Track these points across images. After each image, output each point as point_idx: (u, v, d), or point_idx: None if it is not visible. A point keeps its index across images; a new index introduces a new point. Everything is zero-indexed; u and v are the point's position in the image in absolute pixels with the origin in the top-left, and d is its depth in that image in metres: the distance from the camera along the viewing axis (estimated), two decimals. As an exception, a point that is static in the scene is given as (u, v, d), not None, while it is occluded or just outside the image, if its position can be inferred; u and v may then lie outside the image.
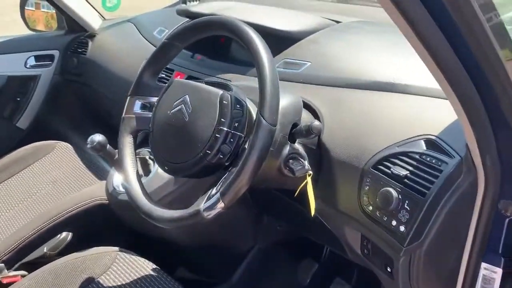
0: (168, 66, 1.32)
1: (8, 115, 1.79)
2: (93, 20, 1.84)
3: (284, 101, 0.87)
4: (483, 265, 0.71)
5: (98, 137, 0.95)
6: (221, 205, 0.73)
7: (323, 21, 1.21)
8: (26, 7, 1.97)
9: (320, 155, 0.93)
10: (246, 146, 0.75)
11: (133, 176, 0.88)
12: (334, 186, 0.91)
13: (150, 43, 1.52)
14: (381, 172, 0.81)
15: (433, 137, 0.79)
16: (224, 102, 0.78)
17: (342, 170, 0.89)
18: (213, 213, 0.74)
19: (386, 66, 0.99)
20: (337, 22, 1.22)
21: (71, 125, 1.88)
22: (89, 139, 0.95)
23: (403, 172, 0.78)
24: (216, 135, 0.77)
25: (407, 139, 0.82)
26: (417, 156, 0.78)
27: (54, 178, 1.51)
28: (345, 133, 0.90)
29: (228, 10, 1.25)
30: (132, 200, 0.86)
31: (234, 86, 0.86)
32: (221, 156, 0.78)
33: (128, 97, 0.95)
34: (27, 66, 1.78)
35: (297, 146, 0.88)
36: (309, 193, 0.85)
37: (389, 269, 0.84)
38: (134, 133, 0.94)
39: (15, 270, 1.24)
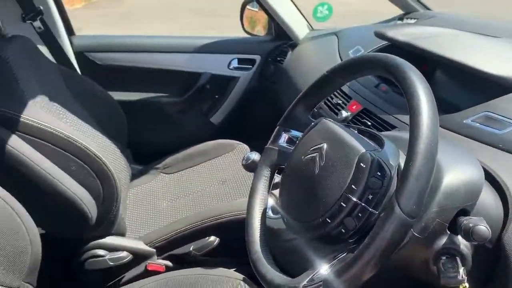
0: (347, 93, 1.20)
1: (205, 110, 1.94)
2: (300, 29, 1.83)
3: (456, 176, 0.65)
4: None
5: (254, 156, 0.90)
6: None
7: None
8: (248, 7, 2.06)
9: (496, 259, 0.66)
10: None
11: (257, 217, 0.80)
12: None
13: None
14: None
15: None
16: (362, 164, 0.61)
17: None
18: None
19: None
20: None
21: (256, 129, 1.93)
22: (245, 156, 0.91)
23: None
24: (342, 203, 0.61)
25: None
26: None
27: (224, 179, 1.56)
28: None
29: (427, 40, 1.03)
30: (248, 242, 0.77)
31: (390, 143, 0.68)
32: (343, 231, 0.62)
33: (277, 127, 0.87)
34: (230, 68, 1.89)
35: (460, 240, 0.64)
36: (458, 312, 0.61)
37: None
38: (273, 166, 0.85)
39: (163, 259, 1.33)
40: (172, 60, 1.87)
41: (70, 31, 1.79)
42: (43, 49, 1.41)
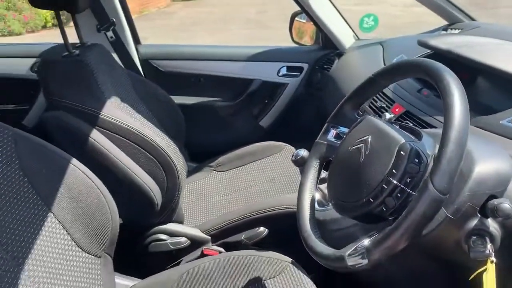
0: (390, 97, 1.29)
1: (255, 114, 2.07)
2: (346, 39, 1.92)
3: (486, 166, 0.74)
4: None
5: (302, 152, 1.02)
6: (364, 261, 0.68)
7: None
8: (297, 19, 2.18)
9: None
10: (411, 206, 0.67)
11: (307, 201, 0.91)
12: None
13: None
14: None
15: None
16: (402, 152, 0.71)
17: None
18: (355, 265, 0.69)
19: None
20: None
21: (302, 133, 2.04)
22: (295, 152, 1.03)
23: None
24: (384, 185, 0.71)
25: None
26: None
27: (272, 177, 1.68)
28: None
29: (469, 48, 1.11)
30: (298, 222, 0.89)
31: (428, 136, 0.78)
32: (384, 209, 0.72)
33: (326, 124, 0.98)
34: (279, 75, 2.00)
35: (490, 223, 0.73)
36: (485, 283, 0.70)
37: None
38: (322, 159, 0.96)
39: (217, 245, 1.46)
40: (226, 67, 2.02)
41: (136, 40, 1.98)
42: (114, 56, 1.58)
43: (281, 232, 1.41)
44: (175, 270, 1.19)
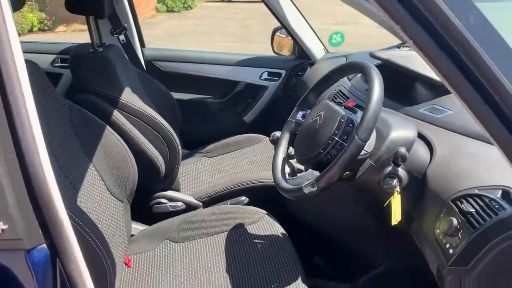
0: (346, 94, 1.68)
1: (240, 110, 2.44)
2: (317, 52, 2.32)
3: (397, 133, 1.12)
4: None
5: (278, 134, 1.39)
6: (314, 188, 1.05)
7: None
8: (277, 34, 2.57)
9: (421, 183, 1.12)
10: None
11: (280, 160, 1.27)
12: (423, 208, 1.09)
13: (348, 77, 1.88)
14: (455, 206, 0.97)
15: (510, 189, 0.91)
16: (341, 120, 1.09)
17: (432, 197, 1.07)
18: (309, 191, 1.06)
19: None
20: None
21: (279, 127, 2.41)
22: (272, 134, 1.40)
23: (470, 209, 0.93)
24: (329, 141, 1.09)
25: (489, 186, 0.95)
26: (487, 200, 0.92)
27: (253, 160, 2.04)
28: (446, 171, 1.08)
29: (402, 58, 1.51)
30: (273, 172, 1.25)
31: (360, 111, 1.15)
32: (329, 157, 1.09)
33: (295, 107, 1.35)
34: (261, 78, 2.38)
35: (399, 169, 1.10)
36: (393, 207, 1.07)
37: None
38: (291, 132, 1.33)
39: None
40: (217, 70, 2.39)
41: (142, 43, 2.33)
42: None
43: (258, 200, 1.76)
44: (175, 219, 1.53)
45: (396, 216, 1.08)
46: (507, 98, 0.67)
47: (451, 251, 0.93)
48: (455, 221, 0.93)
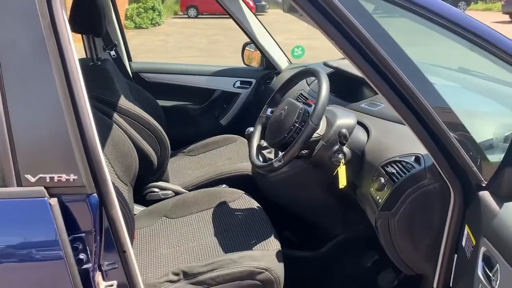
0: (306, 96, 2.06)
1: (217, 115, 2.79)
2: (282, 63, 2.70)
3: (341, 120, 1.50)
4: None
5: (251, 129, 1.74)
6: (281, 162, 1.40)
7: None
8: (247, 48, 2.93)
9: (361, 158, 1.50)
10: (304, 134, 1.41)
11: (254, 146, 1.63)
12: (363, 175, 1.46)
13: (307, 82, 2.27)
14: (383, 169, 1.34)
15: (420, 155, 1.29)
16: (300, 111, 1.46)
17: (368, 166, 1.44)
18: (277, 165, 1.41)
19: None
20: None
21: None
22: (247, 130, 1.75)
23: (393, 170, 1.30)
24: (291, 127, 1.45)
25: (407, 154, 1.33)
26: (404, 163, 1.29)
27: (230, 157, 2.38)
28: (378, 146, 1.45)
29: (349, 66, 1.90)
30: (249, 154, 1.60)
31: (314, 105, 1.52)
32: (292, 139, 1.45)
33: (265, 105, 1.71)
34: (235, 86, 2.74)
35: (345, 148, 1.47)
36: (340, 174, 1.44)
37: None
38: (263, 124, 1.69)
39: (193, 196, 2.11)
40: (196, 80, 2.74)
41: (129, 58, 2.65)
42: (115, 69, 2.23)
43: (236, 186, 2.08)
44: (169, 200, 1.85)
45: (342, 182, 1.44)
46: (410, 92, 1.03)
47: (380, 201, 1.29)
48: (382, 180, 1.30)
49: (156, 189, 2.06)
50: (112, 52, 2.42)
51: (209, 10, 19.38)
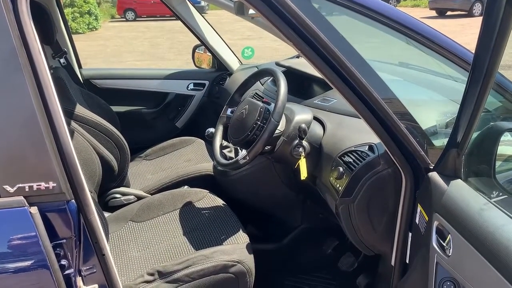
0: (260, 94, 2.14)
1: (172, 118, 2.81)
2: (234, 64, 2.77)
3: (299, 116, 1.59)
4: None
5: (211, 130, 1.79)
6: (246, 159, 1.47)
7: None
8: (197, 50, 2.98)
9: (319, 150, 1.60)
10: (266, 131, 1.49)
11: (217, 146, 1.69)
12: (322, 166, 1.57)
13: (260, 82, 2.35)
14: (340, 159, 1.45)
15: (373, 144, 1.41)
16: (261, 110, 1.53)
17: (326, 158, 1.54)
18: (243, 162, 1.48)
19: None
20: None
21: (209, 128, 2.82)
22: (207, 130, 1.80)
23: (350, 160, 1.41)
24: (254, 125, 1.52)
25: (361, 144, 1.44)
26: (359, 152, 1.41)
27: (189, 158, 2.41)
28: (334, 139, 1.56)
29: (300, 65, 2.01)
30: (214, 153, 1.66)
31: (273, 103, 1.61)
32: (255, 136, 1.52)
33: (225, 106, 1.77)
34: (188, 89, 2.78)
35: (304, 142, 1.57)
36: (301, 167, 1.53)
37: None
38: (224, 124, 1.75)
39: (156, 199, 2.13)
40: (148, 84, 2.74)
41: (79, 65, 2.61)
42: (65, 77, 2.20)
43: (198, 187, 2.14)
44: (135, 205, 1.86)
45: (303, 174, 1.54)
46: (362, 86, 1.13)
47: (340, 188, 1.40)
48: (341, 169, 1.41)
49: (118, 195, 2.06)
50: (62, 60, 2.38)
51: (147, 13, 19.12)
